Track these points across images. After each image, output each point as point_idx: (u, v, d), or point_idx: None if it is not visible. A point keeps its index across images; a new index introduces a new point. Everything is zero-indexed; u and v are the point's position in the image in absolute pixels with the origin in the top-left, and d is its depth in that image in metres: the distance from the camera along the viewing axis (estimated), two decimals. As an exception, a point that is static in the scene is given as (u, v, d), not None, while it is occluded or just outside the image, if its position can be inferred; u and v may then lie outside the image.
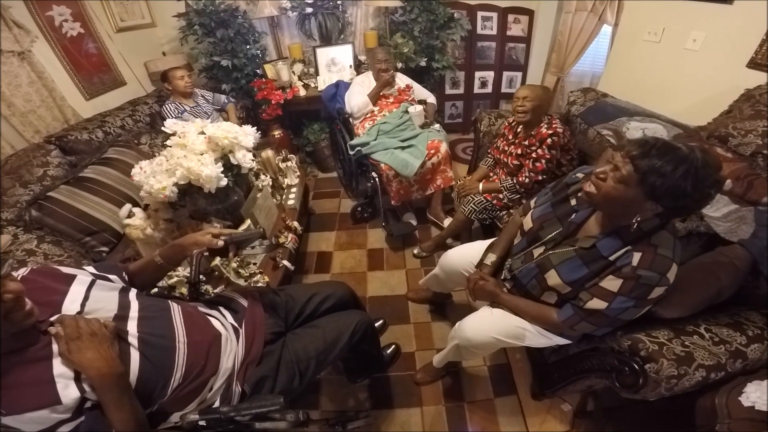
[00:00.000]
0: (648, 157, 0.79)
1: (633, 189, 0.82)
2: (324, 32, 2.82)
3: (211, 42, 2.59)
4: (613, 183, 0.85)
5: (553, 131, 1.65)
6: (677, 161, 0.77)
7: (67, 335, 0.70)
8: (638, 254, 0.87)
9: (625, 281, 0.89)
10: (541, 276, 1.06)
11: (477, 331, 1.21)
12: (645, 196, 0.82)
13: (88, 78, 2.32)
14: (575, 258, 0.98)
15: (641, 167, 0.79)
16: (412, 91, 2.54)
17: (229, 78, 2.71)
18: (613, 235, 0.92)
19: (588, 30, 2.73)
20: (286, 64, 2.84)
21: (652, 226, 0.88)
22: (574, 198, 1.05)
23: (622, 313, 0.93)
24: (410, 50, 2.69)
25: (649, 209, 0.84)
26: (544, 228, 1.09)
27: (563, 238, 1.04)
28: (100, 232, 1.66)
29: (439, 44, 2.82)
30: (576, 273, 0.98)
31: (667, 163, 0.77)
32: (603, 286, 0.93)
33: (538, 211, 1.14)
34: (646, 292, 0.88)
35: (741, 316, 1.08)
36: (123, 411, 0.72)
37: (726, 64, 1.76)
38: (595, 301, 0.94)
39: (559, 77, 3.11)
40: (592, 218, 1.00)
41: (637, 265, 0.87)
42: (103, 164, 1.85)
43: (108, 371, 0.71)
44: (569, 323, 1.02)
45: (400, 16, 2.75)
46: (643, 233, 0.88)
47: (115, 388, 0.72)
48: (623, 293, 0.89)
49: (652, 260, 0.86)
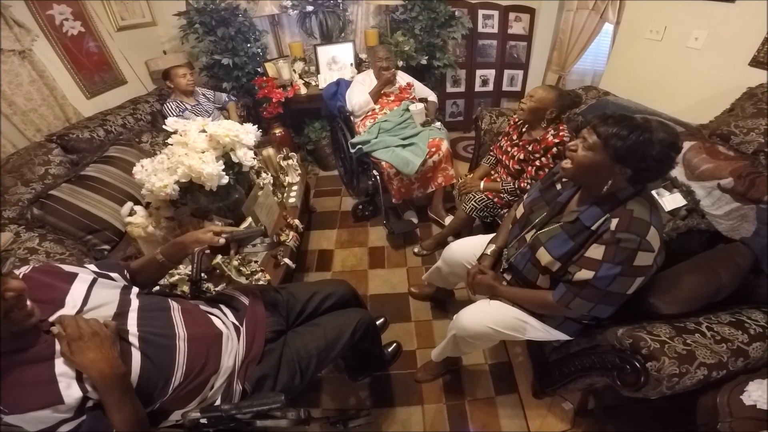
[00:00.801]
0: (606, 125, 0.92)
1: (600, 154, 0.92)
2: (325, 30, 2.81)
3: (212, 40, 2.58)
4: (582, 152, 0.96)
5: (560, 140, 1.59)
6: (632, 127, 0.89)
7: (68, 335, 0.70)
8: (615, 219, 0.94)
9: (607, 247, 0.94)
10: (533, 257, 1.10)
11: (473, 320, 1.23)
12: (611, 160, 0.91)
13: (89, 77, 2.32)
14: (561, 233, 1.04)
15: (602, 134, 0.91)
16: (413, 89, 2.54)
17: (229, 76, 2.71)
18: (594, 207, 0.99)
19: (589, 28, 2.73)
20: (287, 62, 2.84)
21: (627, 194, 0.95)
22: (559, 183, 1.15)
23: (611, 282, 0.94)
24: (411, 48, 2.68)
25: (618, 173, 0.92)
26: (534, 212, 1.17)
27: (550, 217, 1.11)
28: (102, 231, 1.66)
29: (440, 42, 2.81)
30: (563, 247, 1.03)
31: (624, 128, 0.89)
32: (588, 256, 0.97)
33: (529, 198, 1.23)
34: (630, 257, 0.91)
35: (743, 314, 1.07)
36: (124, 411, 0.73)
37: (728, 62, 1.76)
38: (582, 272, 0.98)
39: (560, 75, 3.10)
40: (575, 196, 1.09)
41: (615, 229, 0.93)
42: (105, 163, 1.85)
43: (110, 372, 0.71)
44: (564, 301, 1.04)
45: (401, 14, 2.74)
46: (619, 201, 0.95)
47: (116, 389, 0.72)
48: (607, 259, 0.93)
49: (629, 223, 0.91)
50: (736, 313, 1.08)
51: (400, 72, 2.57)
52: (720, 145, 1.41)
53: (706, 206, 1.31)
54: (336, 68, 2.84)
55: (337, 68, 2.84)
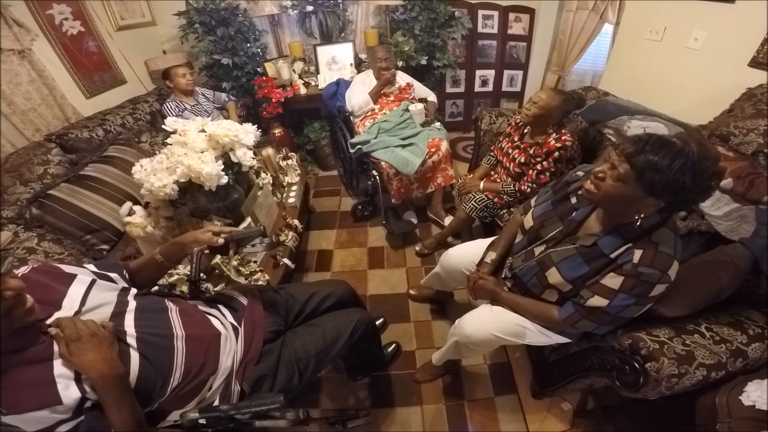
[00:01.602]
0: (643, 153, 0.79)
1: (632, 186, 0.82)
2: (325, 30, 2.81)
3: (212, 40, 2.58)
4: (611, 182, 0.85)
5: (562, 144, 1.58)
6: (673, 155, 0.77)
7: (66, 336, 0.70)
8: (639, 251, 0.87)
9: (626, 278, 0.88)
10: (541, 274, 1.06)
11: (476, 328, 1.22)
12: (644, 193, 0.81)
13: (89, 76, 2.32)
14: (576, 256, 0.98)
15: (637, 164, 0.80)
16: (413, 89, 2.54)
17: (229, 76, 2.71)
18: (614, 233, 0.92)
19: (589, 29, 2.73)
20: (287, 62, 2.84)
21: (652, 222, 0.88)
22: (574, 196, 1.06)
23: (623, 311, 0.92)
24: (411, 48, 2.68)
25: (650, 205, 0.84)
26: (545, 226, 1.10)
27: (564, 236, 1.04)
28: (101, 230, 1.66)
29: (440, 43, 2.81)
30: (577, 271, 0.98)
31: (663, 158, 0.77)
32: (604, 284, 0.92)
33: (539, 209, 1.14)
34: (648, 290, 0.88)
35: (742, 315, 1.07)
36: (123, 411, 0.73)
37: (728, 63, 1.75)
38: (596, 299, 0.94)
39: (560, 76, 3.11)
40: (592, 216, 1.00)
41: (638, 262, 0.86)
42: (104, 162, 1.85)
43: (109, 372, 0.71)
44: (570, 321, 1.02)
45: (401, 15, 2.74)
46: (643, 230, 0.88)
47: (115, 389, 0.72)
48: (624, 290, 0.89)
49: (653, 257, 0.85)
50: (735, 313, 1.08)
51: (399, 72, 2.57)
52: (719, 146, 1.41)
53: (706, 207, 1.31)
54: (336, 68, 2.84)
55: (336, 68, 2.84)
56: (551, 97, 1.59)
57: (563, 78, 3.10)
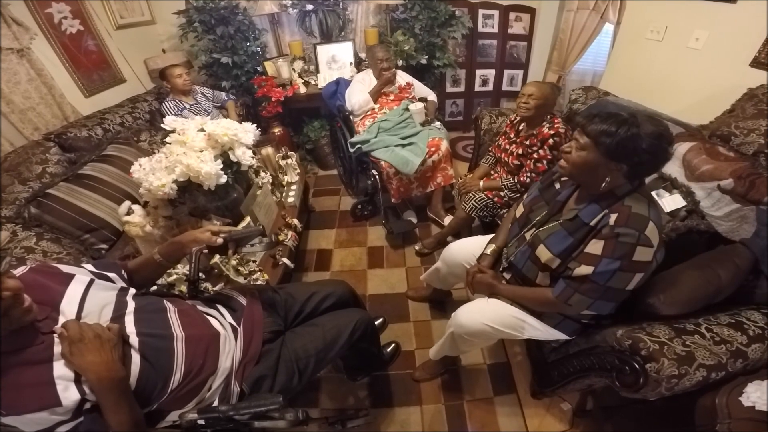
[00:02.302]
0: (594, 123, 0.93)
1: (593, 153, 0.94)
2: (324, 29, 2.80)
3: (211, 39, 2.57)
4: (576, 153, 0.98)
5: (555, 132, 1.63)
6: (619, 123, 0.90)
7: (69, 337, 0.70)
8: (614, 215, 0.95)
9: (606, 242, 0.94)
10: (533, 255, 1.11)
11: (471, 318, 1.23)
12: (605, 157, 0.92)
13: (88, 75, 2.31)
14: (561, 230, 1.05)
15: (591, 133, 0.93)
16: (413, 88, 2.53)
17: (229, 75, 2.70)
18: (593, 204, 1.01)
19: (590, 28, 2.72)
20: (287, 61, 2.83)
21: (624, 191, 0.96)
22: (557, 182, 1.16)
23: (610, 278, 0.95)
24: (411, 48, 2.67)
25: (614, 169, 0.93)
26: (533, 211, 1.18)
27: (550, 216, 1.12)
28: (100, 230, 1.65)
29: (440, 42, 2.80)
30: (563, 243, 1.04)
31: (611, 125, 0.90)
32: (588, 252, 0.98)
33: (528, 198, 1.24)
34: (629, 251, 0.92)
35: (742, 315, 1.07)
36: (120, 413, 0.72)
37: (729, 63, 1.75)
38: (582, 268, 0.98)
39: (560, 75, 3.10)
40: (574, 195, 1.10)
41: (614, 224, 0.94)
42: (103, 161, 1.84)
43: (107, 375, 0.71)
44: (563, 297, 1.04)
45: (401, 14, 2.73)
46: (617, 197, 0.97)
47: (113, 392, 0.72)
48: (606, 254, 0.94)
49: (627, 218, 0.92)
50: (736, 314, 1.08)
51: (399, 71, 2.56)
52: (720, 146, 1.40)
53: (706, 207, 1.31)
54: (335, 67, 2.84)
55: (336, 67, 2.84)
56: (541, 86, 1.66)
57: (563, 77, 3.09)
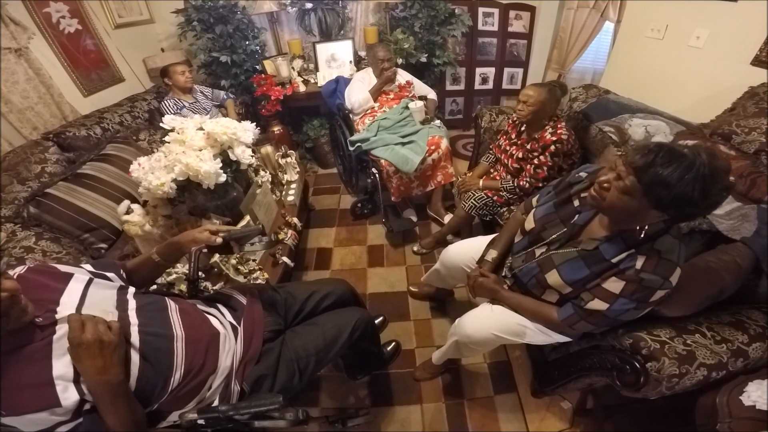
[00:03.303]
0: (652, 167, 0.75)
1: (638, 200, 0.80)
2: (324, 28, 2.79)
3: (210, 38, 2.56)
4: (617, 193, 0.82)
5: (558, 138, 1.59)
6: (683, 170, 0.73)
7: (69, 339, 0.69)
8: (642, 258, 0.86)
9: (628, 284, 0.88)
10: (541, 275, 1.06)
11: (477, 327, 1.21)
12: (650, 206, 0.80)
13: (86, 74, 2.30)
14: (577, 259, 0.98)
15: (645, 179, 0.76)
16: (413, 87, 2.52)
17: (228, 74, 2.69)
18: (617, 239, 0.91)
19: (590, 27, 2.71)
20: (286, 59, 2.82)
21: (655, 230, 0.87)
22: (576, 199, 1.04)
23: (622, 314, 0.93)
24: (411, 46, 2.66)
25: (655, 217, 0.83)
26: (546, 228, 1.08)
27: (566, 239, 1.03)
28: (99, 229, 1.65)
29: (440, 40, 2.79)
30: (577, 273, 0.98)
31: (672, 173, 0.73)
32: (605, 288, 0.92)
33: (541, 211, 1.13)
34: (648, 295, 0.88)
35: (743, 314, 1.07)
36: (117, 415, 0.72)
37: (730, 61, 1.75)
38: (596, 302, 0.94)
39: (560, 74, 3.09)
40: (595, 220, 0.99)
41: (641, 268, 0.86)
42: (102, 161, 1.84)
43: (104, 378, 0.70)
44: (569, 322, 1.02)
45: (401, 12, 2.72)
46: (647, 237, 0.87)
47: (109, 395, 0.71)
48: (625, 295, 0.89)
49: (656, 264, 0.85)
50: (736, 313, 1.08)
51: (399, 70, 2.55)
52: (721, 145, 1.40)
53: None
54: (335, 66, 2.83)
55: (336, 66, 2.83)
56: (538, 92, 1.59)
57: (563, 76, 3.08)
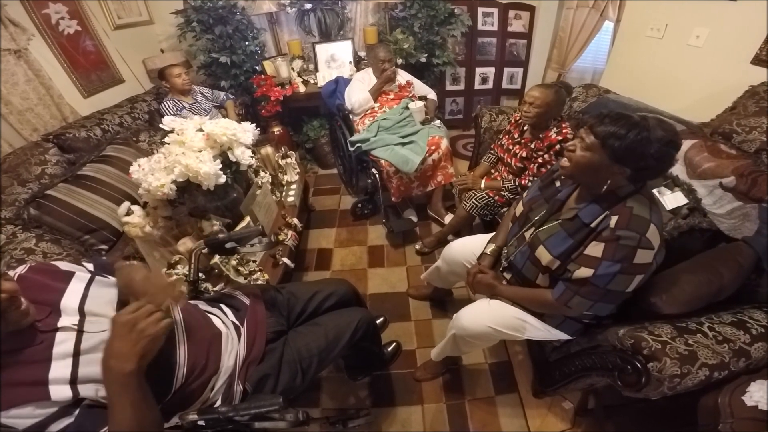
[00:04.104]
0: (603, 124, 0.91)
1: (598, 154, 0.92)
2: (323, 28, 2.79)
3: (210, 39, 2.56)
4: (580, 152, 0.95)
5: (564, 137, 1.59)
6: (630, 126, 0.87)
7: (115, 317, 0.70)
8: (615, 217, 0.93)
9: (607, 244, 0.93)
10: (533, 255, 1.09)
11: (473, 320, 1.23)
12: (610, 160, 0.90)
13: (86, 76, 2.30)
14: (560, 231, 1.04)
15: (600, 133, 0.91)
16: (413, 87, 2.52)
17: (227, 75, 2.69)
18: (593, 204, 0.99)
19: (589, 26, 2.71)
20: (285, 60, 2.82)
21: (626, 191, 0.94)
22: (558, 180, 1.14)
23: (611, 280, 0.94)
24: (410, 46, 2.66)
25: (617, 172, 0.91)
26: (533, 209, 1.16)
27: (549, 215, 1.10)
28: (99, 230, 1.65)
29: (440, 40, 2.79)
30: (562, 245, 1.02)
31: (621, 127, 0.88)
32: (587, 254, 0.97)
33: (528, 196, 1.23)
34: (630, 254, 0.90)
35: (745, 314, 1.06)
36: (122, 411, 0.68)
37: (730, 60, 1.74)
38: (582, 270, 0.97)
39: (560, 73, 3.09)
40: (574, 194, 1.08)
41: (615, 226, 0.92)
42: (102, 162, 1.84)
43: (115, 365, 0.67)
44: (563, 299, 1.03)
45: (400, 12, 2.72)
46: (618, 198, 0.95)
47: (115, 383, 0.68)
48: (607, 257, 0.93)
49: (628, 220, 0.91)
50: (738, 313, 1.07)
51: (399, 70, 2.55)
52: (722, 144, 1.40)
53: (708, 205, 1.30)
54: (335, 66, 2.83)
55: (335, 66, 2.83)
56: (544, 93, 1.59)
57: (563, 75, 3.08)
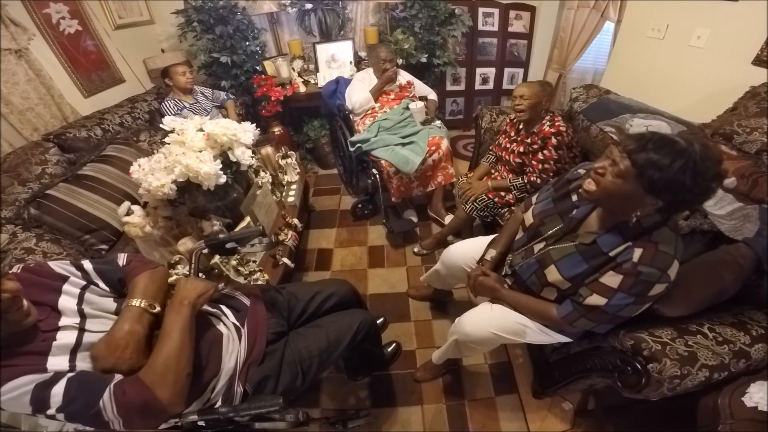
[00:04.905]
0: (645, 150, 0.78)
1: (631, 183, 0.81)
2: (324, 28, 2.79)
3: (210, 39, 2.56)
4: (611, 178, 0.84)
5: (557, 130, 1.63)
6: (675, 154, 0.76)
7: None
8: (639, 250, 0.86)
9: (626, 277, 0.88)
10: (541, 271, 1.06)
11: (476, 326, 1.21)
12: (644, 191, 0.80)
13: (87, 75, 2.30)
14: (575, 254, 0.98)
15: (638, 161, 0.79)
16: (413, 87, 2.52)
17: (228, 75, 2.69)
18: (614, 231, 0.91)
19: (590, 26, 2.71)
20: (286, 60, 2.82)
21: (652, 222, 0.87)
22: (575, 194, 1.05)
23: (621, 309, 0.92)
24: (411, 46, 2.66)
25: (649, 204, 0.83)
26: (545, 224, 1.09)
27: (564, 233, 1.03)
28: (99, 230, 1.65)
29: (440, 40, 2.79)
30: (576, 268, 0.97)
31: (665, 157, 0.76)
32: (603, 282, 0.92)
33: (540, 206, 1.14)
34: (647, 289, 0.87)
35: (745, 315, 1.07)
36: (172, 334, 0.80)
37: (731, 61, 1.74)
38: (594, 297, 0.94)
39: (561, 74, 3.09)
40: (593, 214, 1.00)
41: (638, 261, 0.86)
42: (102, 162, 1.84)
43: (184, 294, 0.86)
44: (568, 319, 1.02)
45: (401, 12, 2.72)
46: (643, 229, 0.87)
47: (172, 313, 0.83)
48: (623, 289, 0.89)
49: (653, 256, 0.85)
50: (738, 314, 1.07)
51: (400, 70, 2.55)
52: (723, 145, 1.40)
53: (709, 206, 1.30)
54: (335, 66, 2.83)
55: (336, 66, 2.83)
56: (530, 87, 1.66)
57: (564, 76, 3.08)
